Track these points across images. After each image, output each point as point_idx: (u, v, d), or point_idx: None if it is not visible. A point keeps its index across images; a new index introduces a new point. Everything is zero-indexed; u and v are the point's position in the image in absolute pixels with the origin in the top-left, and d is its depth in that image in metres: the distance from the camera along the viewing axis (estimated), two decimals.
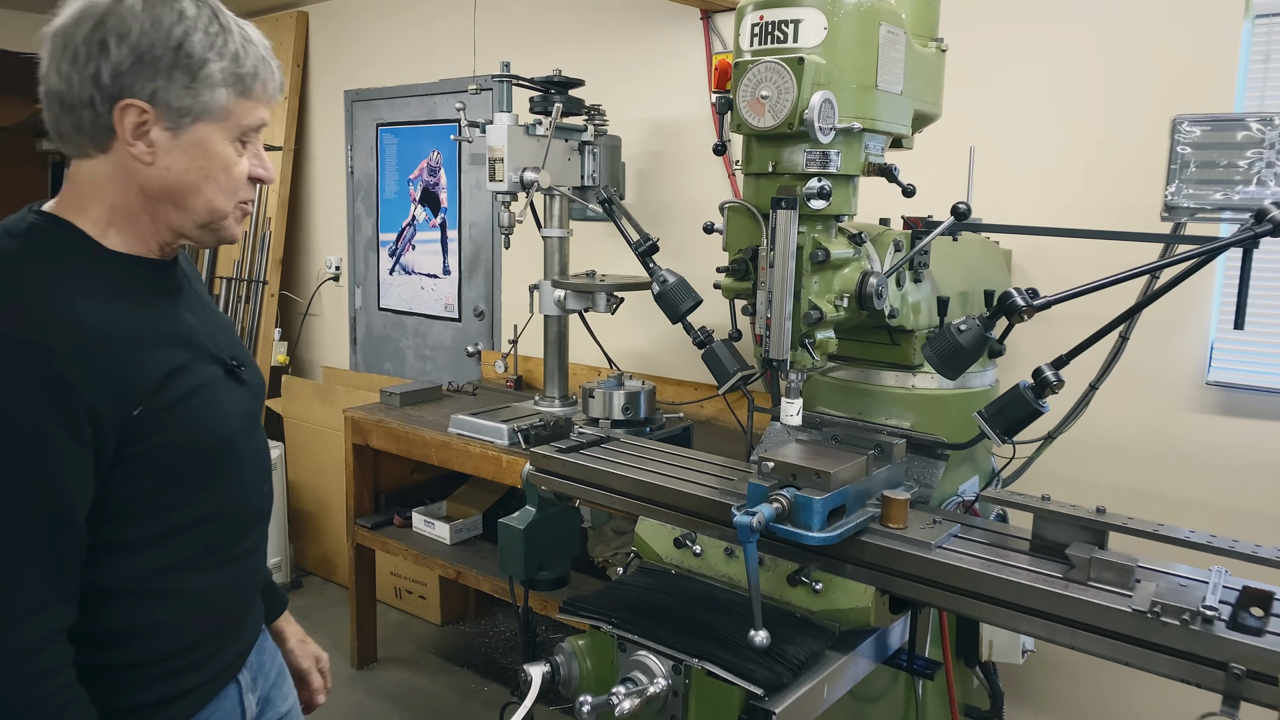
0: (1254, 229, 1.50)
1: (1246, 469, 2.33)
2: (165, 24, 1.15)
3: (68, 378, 1.08)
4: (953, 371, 1.64)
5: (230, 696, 1.39)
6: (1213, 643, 1.28)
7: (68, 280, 1.15)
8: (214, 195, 1.23)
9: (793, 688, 1.49)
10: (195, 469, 1.24)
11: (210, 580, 1.30)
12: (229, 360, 1.33)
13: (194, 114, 1.18)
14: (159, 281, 1.27)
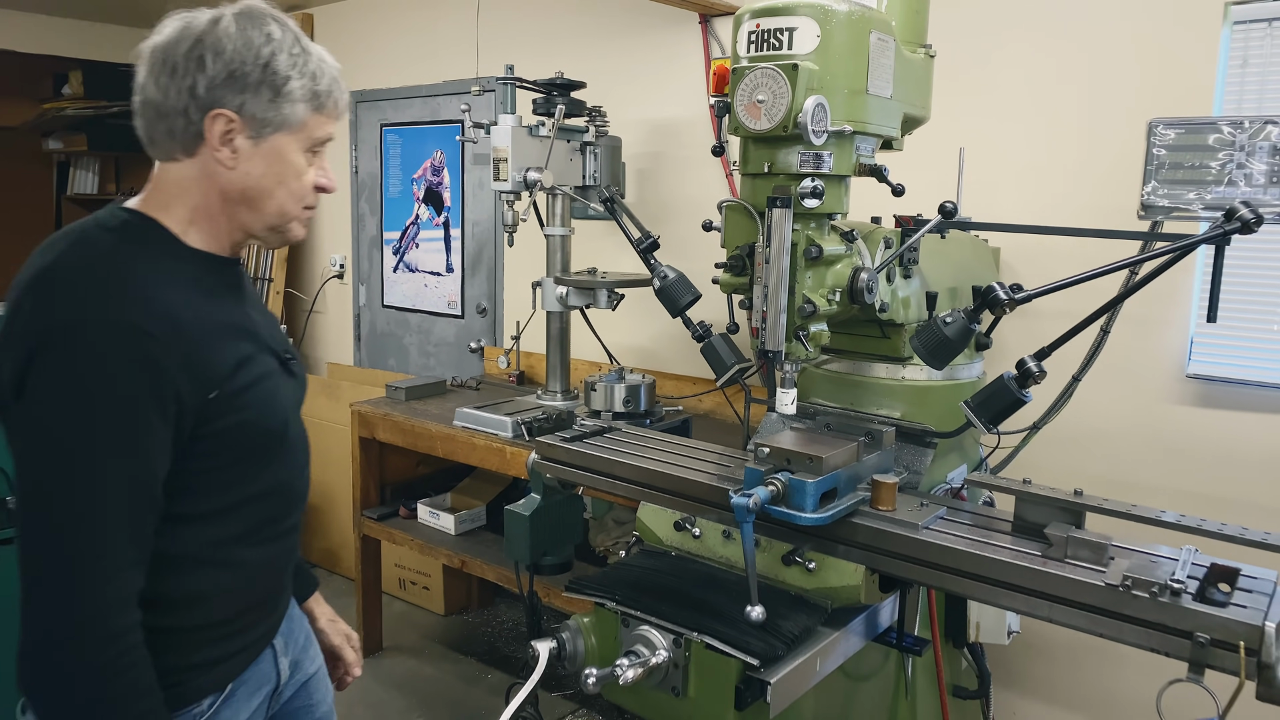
0: (1224, 227, 1.59)
1: (1224, 459, 2.42)
2: (255, 44, 1.27)
3: (160, 362, 1.18)
4: (939, 362, 1.73)
5: (266, 660, 1.49)
6: (1179, 614, 1.37)
7: (156, 272, 1.25)
8: (284, 200, 1.35)
9: (787, 660, 1.58)
10: (255, 450, 1.35)
11: (260, 553, 1.40)
12: (282, 353, 1.44)
13: (274, 125, 1.30)
14: (228, 278, 1.39)
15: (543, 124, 3.11)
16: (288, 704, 1.60)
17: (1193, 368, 2.45)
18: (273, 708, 1.55)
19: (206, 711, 1.37)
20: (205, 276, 1.33)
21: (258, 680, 1.47)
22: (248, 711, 1.44)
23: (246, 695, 1.45)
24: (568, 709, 3.43)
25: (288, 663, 1.55)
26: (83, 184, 6.87)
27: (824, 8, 1.65)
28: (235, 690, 1.42)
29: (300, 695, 1.62)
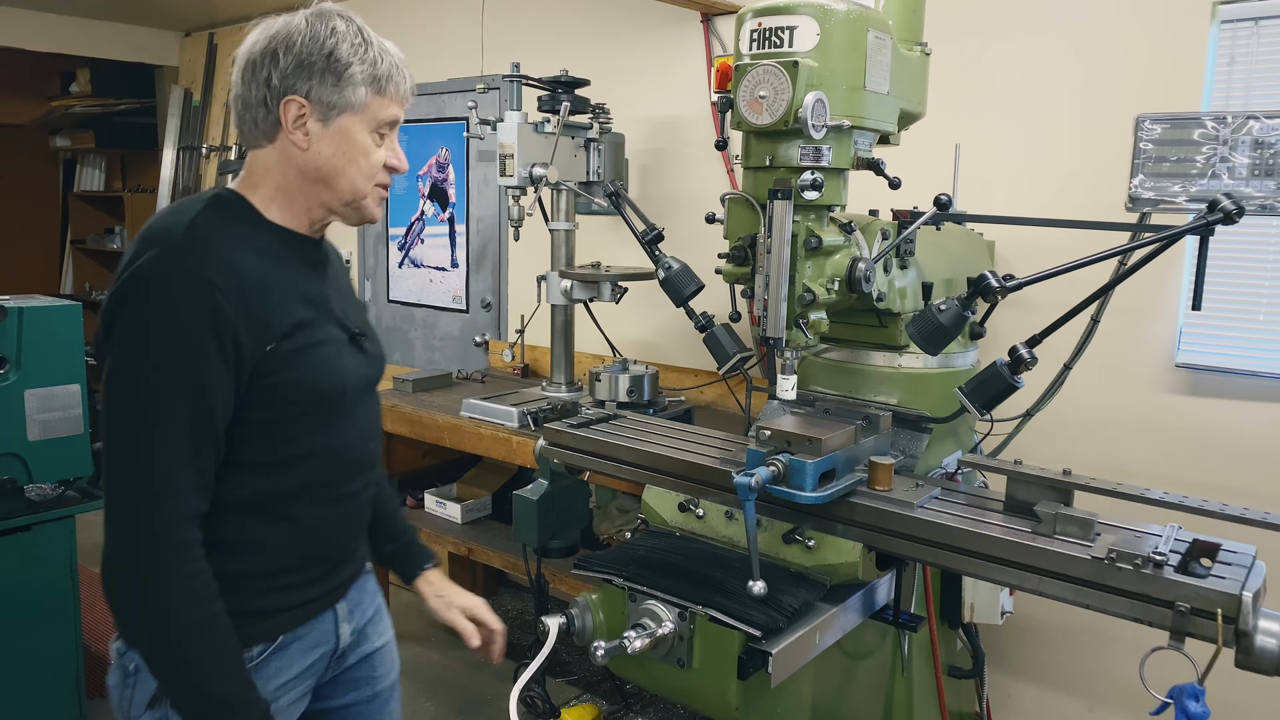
0: (1206, 218, 1.66)
1: (1212, 446, 2.49)
2: (320, 37, 1.41)
3: (222, 308, 1.32)
4: (934, 348, 1.80)
5: (327, 621, 1.58)
6: (1161, 584, 1.44)
7: (233, 237, 1.40)
8: (355, 177, 1.47)
9: (787, 632, 1.65)
10: (309, 409, 1.45)
11: (316, 513, 1.50)
12: (354, 330, 1.55)
13: (339, 108, 1.42)
14: (305, 253, 1.52)
15: (548, 121, 3.17)
16: (350, 671, 1.68)
17: (1181, 357, 2.52)
18: (333, 670, 1.64)
19: (256, 659, 1.46)
20: (281, 248, 1.47)
21: (315, 639, 1.56)
22: (301, 666, 1.53)
23: (301, 651, 1.53)
24: (573, 694, 3.51)
25: (350, 629, 1.63)
26: (89, 181, 6.93)
27: (823, 7, 1.71)
28: (288, 643, 1.50)
29: (364, 665, 1.70)
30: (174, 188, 5.65)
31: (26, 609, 2.98)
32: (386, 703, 1.77)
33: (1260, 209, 1.79)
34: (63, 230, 7.14)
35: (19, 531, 2.95)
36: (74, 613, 3.11)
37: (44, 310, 2.96)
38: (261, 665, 1.48)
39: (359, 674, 1.70)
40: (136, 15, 5.49)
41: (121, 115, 6.28)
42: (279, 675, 1.50)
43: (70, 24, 5.44)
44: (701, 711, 1.77)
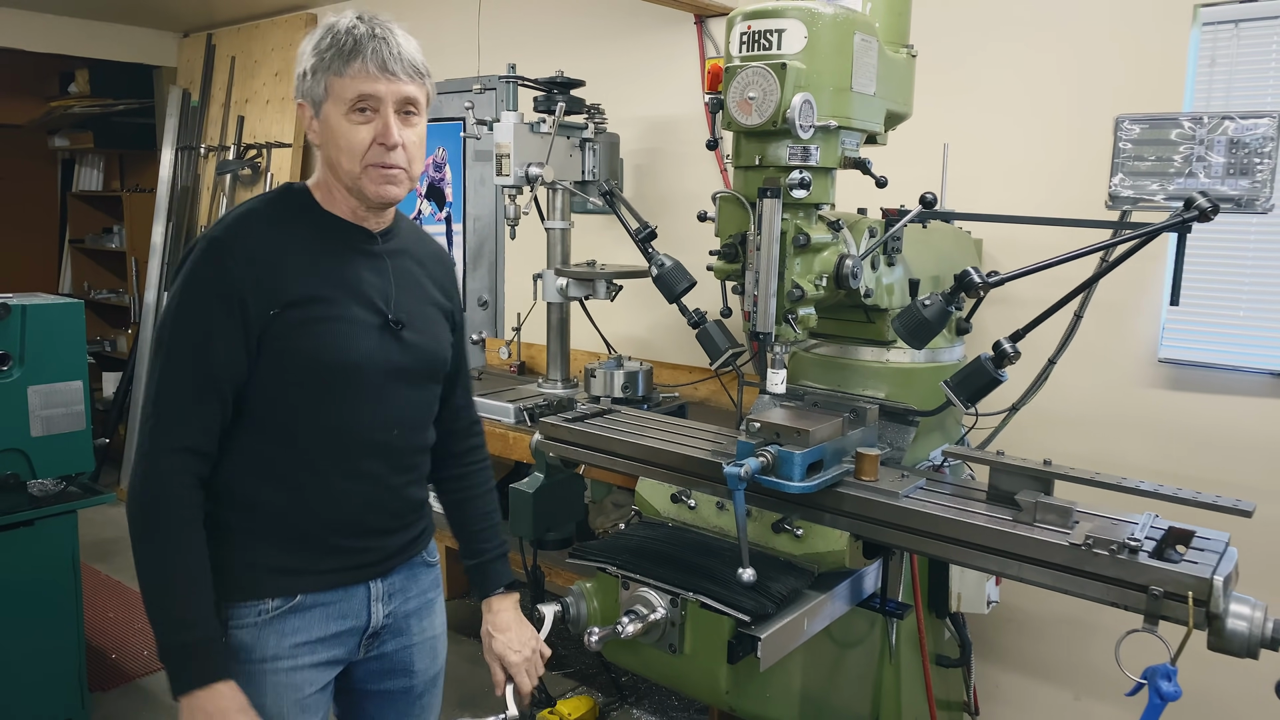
0: (1183, 216, 1.71)
1: (1194, 439, 2.54)
2: (304, 46, 1.55)
3: (231, 272, 1.47)
4: (919, 342, 1.85)
5: (358, 596, 1.63)
6: (1136, 569, 1.49)
7: (273, 218, 1.56)
8: (343, 160, 1.53)
9: (776, 618, 1.70)
10: (312, 380, 1.52)
11: (325, 484, 1.55)
12: (391, 317, 1.59)
13: (316, 98, 1.53)
14: (352, 240, 1.61)
15: (543, 121, 3.22)
16: (387, 659, 1.71)
17: (1164, 352, 2.57)
18: (367, 650, 1.68)
19: (272, 611, 1.55)
20: (328, 233, 1.58)
21: (343, 610, 1.61)
22: (324, 632, 1.59)
23: (324, 617, 1.59)
24: (569, 686, 3.55)
25: (385, 611, 1.67)
26: (88, 181, 6.96)
27: (811, 11, 1.76)
28: (309, 606, 1.57)
29: (401, 655, 1.73)
30: (172, 187, 5.69)
31: (29, 603, 3.02)
32: (421, 697, 1.79)
33: (1236, 206, 1.84)
34: (61, 230, 7.16)
35: (22, 526, 2.98)
36: (76, 607, 3.14)
37: (47, 308, 3.00)
38: (278, 619, 1.55)
39: (396, 664, 1.73)
40: (135, 16, 5.52)
41: (120, 115, 6.30)
42: (297, 634, 1.56)
43: (69, 25, 5.47)
44: (693, 696, 1.82)
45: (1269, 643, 1.46)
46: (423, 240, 1.78)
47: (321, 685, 1.62)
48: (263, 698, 1.53)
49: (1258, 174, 1.80)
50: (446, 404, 1.81)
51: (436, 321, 1.71)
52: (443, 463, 1.85)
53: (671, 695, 3.50)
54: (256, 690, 1.52)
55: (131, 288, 6.36)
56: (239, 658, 1.53)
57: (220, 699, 1.44)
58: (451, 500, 1.88)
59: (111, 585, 4.39)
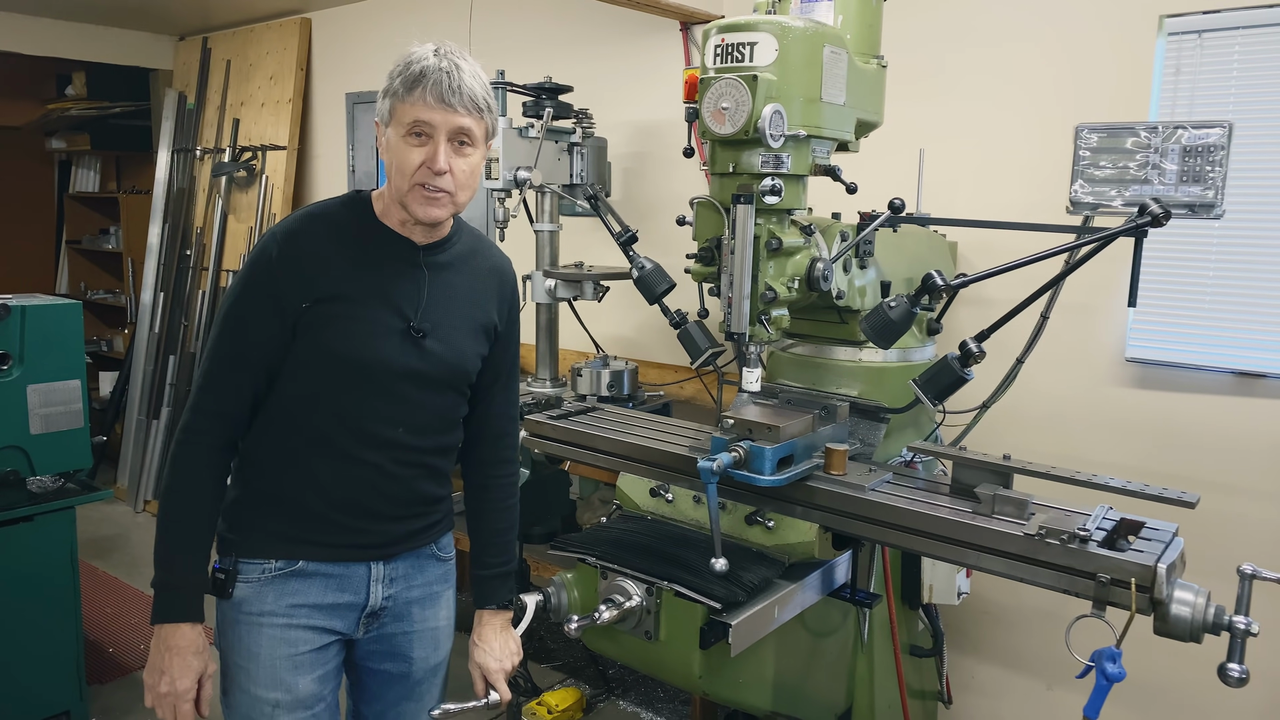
0: (1137, 221, 1.79)
1: (1159, 435, 2.62)
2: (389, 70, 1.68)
3: (275, 264, 1.65)
4: (885, 341, 1.92)
5: (358, 574, 1.75)
6: (1085, 558, 1.57)
7: (328, 218, 1.71)
8: (396, 178, 1.66)
9: (747, 606, 1.78)
10: (328, 370, 1.66)
11: (330, 466, 1.69)
12: (414, 326, 1.70)
13: (385, 119, 1.67)
14: (396, 250, 1.73)
15: (531, 126, 3.29)
16: (388, 641, 1.82)
17: (1131, 352, 2.65)
18: (367, 629, 1.79)
19: (274, 571, 1.70)
20: (374, 241, 1.72)
21: (343, 584, 1.73)
22: (322, 599, 1.72)
23: (324, 586, 1.71)
24: (557, 678, 3.63)
25: (384, 593, 1.77)
26: (84, 182, 7.02)
27: (782, 25, 1.84)
28: (311, 572, 1.71)
29: (401, 640, 1.83)
30: (168, 189, 5.75)
31: (28, 598, 3.09)
32: (419, 684, 1.89)
33: (1189, 212, 1.92)
34: (58, 231, 7.22)
35: (21, 522, 3.05)
36: (74, 601, 3.21)
37: (46, 308, 3.07)
38: (280, 579, 1.70)
39: (395, 647, 1.83)
40: (131, 20, 5.58)
41: (116, 118, 6.36)
42: (295, 595, 1.70)
43: (66, 28, 5.53)
44: (668, 681, 1.90)
45: (1211, 627, 1.54)
46: (483, 256, 1.86)
47: (317, 646, 1.72)
48: (258, 647, 1.69)
49: (1209, 181, 1.88)
50: (479, 408, 1.89)
51: (467, 335, 1.79)
52: (469, 466, 1.95)
53: (657, 687, 3.58)
54: (254, 641, 1.69)
55: (128, 288, 6.42)
56: (241, 609, 1.70)
57: (181, 637, 1.64)
58: (470, 508, 1.97)
59: (109, 582, 4.46)
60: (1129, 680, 2.71)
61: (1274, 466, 2.48)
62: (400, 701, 1.87)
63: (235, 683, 1.71)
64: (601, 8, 3.50)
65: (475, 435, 1.90)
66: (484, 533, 1.94)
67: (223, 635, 1.73)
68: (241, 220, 5.36)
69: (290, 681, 1.69)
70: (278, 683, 1.69)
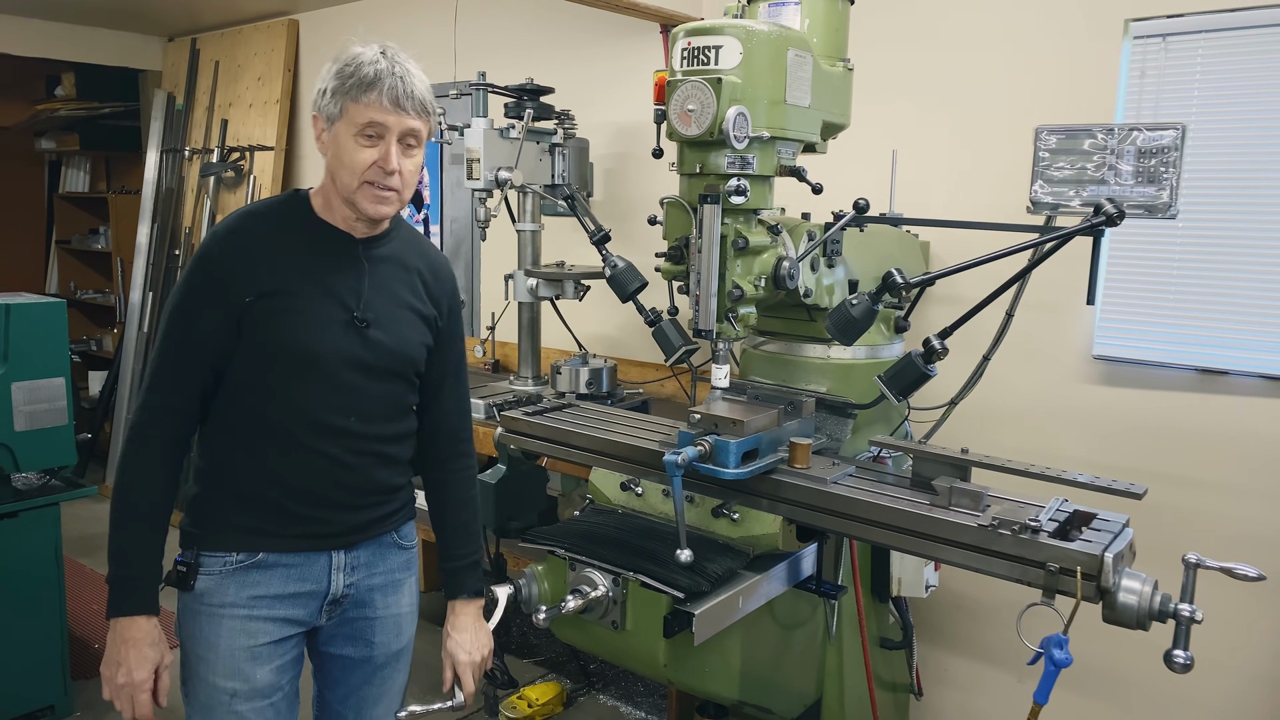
0: (1092, 221, 1.84)
1: (1126, 431, 2.67)
2: (334, 64, 1.70)
3: (220, 261, 1.69)
4: (848, 338, 1.97)
5: (319, 563, 1.79)
6: (1035, 548, 1.61)
7: (268, 216, 1.77)
8: (344, 175, 1.70)
9: (711, 596, 1.82)
10: (274, 362, 1.71)
11: (284, 457, 1.73)
12: (357, 315, 1.75)
13: (330, 117, 1.70)
14: (338, 244, 1.78)
15: (512, 127, 3.33)
16: (349, 626, 1.87)
17: (1098, 349, 2.70)
18: (329, 616, 1.84)
19: (235, 563, 1.74)
20: (314, 236, 1.76)
21: (303, 574, 1.77)
22: (282, 590, 1.76)
23: (284, 577, 1.75)
24: (539, 673, 3.67)
25: (345, 581, 1.82)
26: (74, 182, 7.04)
27: (746, 29, 1.88)
28: (271, 563, 1.75)
29: (362, 625, 1.88)
30: (157, 189, 5.78)
31: (13, 593, 3.13)
32: (381, 668, 1.93)
33: (1145, 212, 1.96)
34: (48, 230, 7.24)
35: (6, 518, 3.09)
36: (59, 597, 3.25)
37: (31, 307, 3.10)
38: (240, 571, 1.74)
39: (356, 632, 1.88)
40: (120, 21, 5.60)
41: (106, 118, 6.39)
42: (256, 587, 1.74)
43: (55, 29, 5.55)
44: (636, 670, 1.94)
45: (1157, 615, 1.59)
46: (419, 252, 1.91)
47: (276, 639, 1.76)
48: (217, 638, 1.73)
49: (1164, 181, 1.92)
50: (432, 407, 1.94)
51: (410, 325, 1.84)
52: (426, 463, 1.99)
53: (637, 681, 3.62)
54: (213, 632, 1.72)
55: (117, 288, 6.44)
56: (203, 601, 1.73)
57: (137, 629, 1.67)
58: (432, 502, 2.02)
59: (95, 579, 4.49)
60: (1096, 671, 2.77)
61: (1232, 461, 2.53)
62: (362, 686, 1.91)
63: (195, 672, 1.75)
64: (583, 10, 3.54)
65: (431, 433, 1.96)
66: (448, 526, 1.99)
67: (183, 626, 1.77)
68: None
69: (248, 672, 1.74)
70: (236, 672, 1.73)
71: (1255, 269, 2.48)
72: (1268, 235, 2.46)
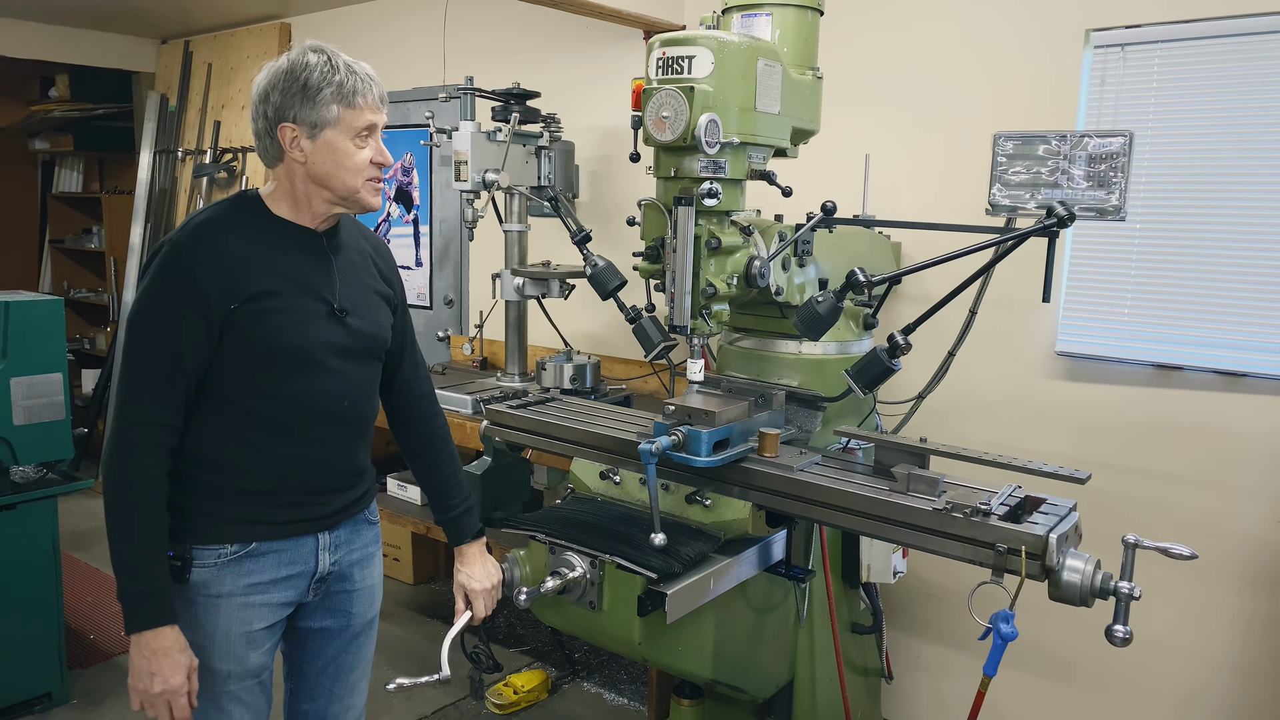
0: (1045, 222, 1.94)
1: (1089, 426, 2.78)
2: (296, 72, 1.73)
3: (195, 272, 1.69)
4: (814, 333, 2.07)
5: (307, 546, 1.88)
6: (985, 529, 1.72)
7: (230, 223, 1.77)
8: (345, 177, 1.78)
9: (683, 577, 1.92)
10: (269, 361, 1.76)
11: (283, 448, 1.80)
12: (336, 306, 1.83)
13: (320, 124, 1.74)
14: (303, 240, 1.83)
15: (500, 130, 3.43)
16: (329, 600, 1.97)
17: (1060, 345, 2.81)
18: (315, 593, 1.93)
19: (230, 555, 1.80)
20: (277, 235, 1.81)
21: (293, 557, 1.86)
22: (275, 575, 1.84)
23: (276, 562, 1.83)
24: (525, 661, 3.76)
25: (331, 559, 1.92)
26: (67, 183, 7.11)
27: (718, 39, 1.98)
28: (264, 552, 1.82)
29: (341, 598, 1.98)
30: (150, 190, 5.86)
31: (12, 584, 3.21)
32: (357, 636, 2.04)
33: (1096, 215, 2.07)
34: (41, 230, 7.31)
35: (5, 510, 3.17)
36: (56, 587, 3.33)
37: (29, 304, 3.18)
38: (234, 561, 1.80)
39: (336, 605, 1.99)
40: (114, 23, 5.68)
41: (99, 119, 6.46)
42: (251, 575, 1.81)
43: (50, 32, 5.62)
44: (612, 649, 2.04)
45: (1099, 592, 1.69)
46: (363, 235, 2.01)
47: (270, 624, 1.85)
48: (215, 627, 1.80)
49: (1113, 185, 2.03)
50: (397, 376, 2.06)
51: (378, 307, 1.95)
52: (403, 431, 2.11)
53: (620, 670, 3.72)
54: (210, 620, 1.79)
55: (110, 287, 6.51)
56: (199, 591, 1.79)
57: (164, 639, 1.71)
58: (417, 465, 2.12)
59: (90, 572, 4.57)
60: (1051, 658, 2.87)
61: (1182, 451, 2.64)
62: (340, 655, 2.02)
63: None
64: (570, 17, 3.63)
65: (403, 400, 2.07)
66: (438, 480, 2.09)
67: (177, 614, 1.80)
68: None
69: (243, 654, 1.83)
70: (231, 655, 1.82)
71: (1209, 269, 2.59)
72: (1221, 236, 2.57)
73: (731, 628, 2.23)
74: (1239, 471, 2.58)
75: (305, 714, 2.06)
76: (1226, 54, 2.53)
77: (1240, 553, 2.60)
